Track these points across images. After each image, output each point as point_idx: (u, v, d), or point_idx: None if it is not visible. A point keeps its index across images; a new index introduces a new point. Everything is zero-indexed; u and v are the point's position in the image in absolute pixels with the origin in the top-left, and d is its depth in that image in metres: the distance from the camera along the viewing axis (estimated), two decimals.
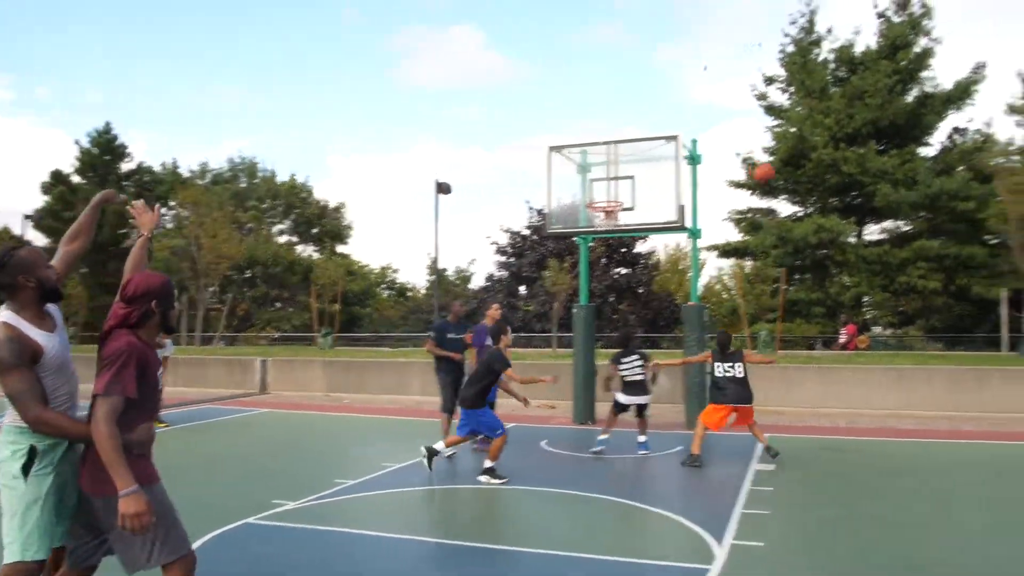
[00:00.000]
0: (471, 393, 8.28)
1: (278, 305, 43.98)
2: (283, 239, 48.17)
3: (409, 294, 52.18)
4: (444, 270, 49.65)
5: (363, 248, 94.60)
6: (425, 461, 8.18)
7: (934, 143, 31.44)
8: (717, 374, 9.02)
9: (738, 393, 8.88)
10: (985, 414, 12.95)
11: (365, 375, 17.37)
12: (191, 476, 8.37)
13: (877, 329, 34.44)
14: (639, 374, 9.50)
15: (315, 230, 48.78)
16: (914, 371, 14.20)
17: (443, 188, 23.92)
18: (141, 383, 3.22)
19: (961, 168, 28.05)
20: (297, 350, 25.19)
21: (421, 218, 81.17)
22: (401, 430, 12.04)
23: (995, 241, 26.17)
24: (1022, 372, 13.74)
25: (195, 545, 5.51)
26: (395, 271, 53.68)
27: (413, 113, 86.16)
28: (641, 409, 9.64)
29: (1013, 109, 31.03)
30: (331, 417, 13.71)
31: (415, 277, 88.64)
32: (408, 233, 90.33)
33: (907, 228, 31.12)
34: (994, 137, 29.76)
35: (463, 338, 10.15)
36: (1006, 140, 29.92)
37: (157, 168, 44.35)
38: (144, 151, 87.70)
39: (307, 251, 48.16)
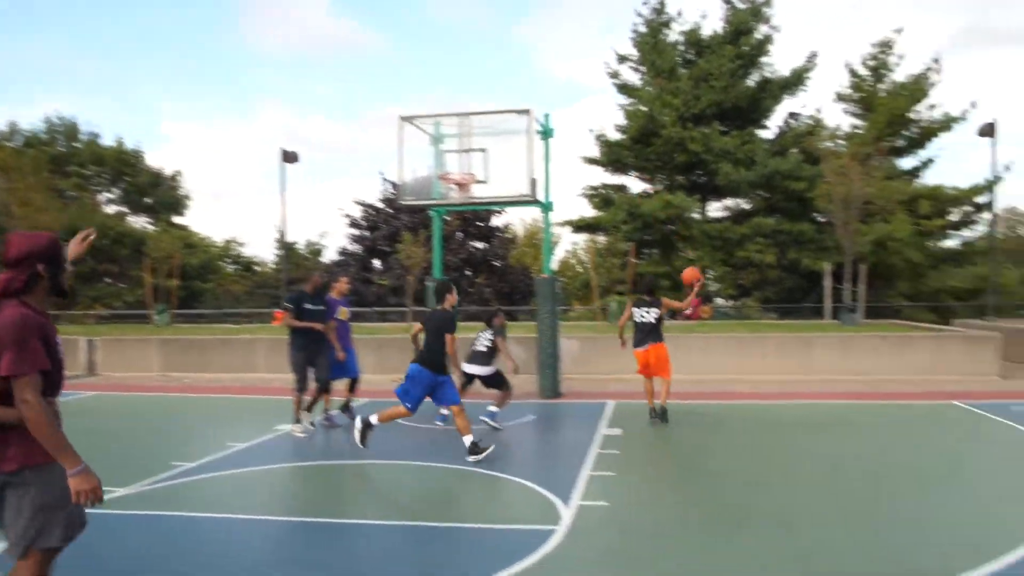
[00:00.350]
0: (438, 359, 7.59)
1: (108, 280, 40.97)
2: (112, 209, 44.85)
3: (256, 268, 50.17)
4: (294, 243, 48.10)
5: (204, 220, 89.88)
6: (358, 436, 7.61)
7: (771, 126, 33.44)
8: (635, 319, 9.55)
9: (643, 339, 9.51)
10: (810, 376, 14.02)
11: (207, 353, 16.55)
12: None
13: (720, 300, 36.49)
14: (484, 347, 9.52)
15: (148, 200, 45.70)
16: (750, 339, 15.09)
17: (290, 157, 23.06)
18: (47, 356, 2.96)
19: (794, 150, 29.97)
20: (129, 328, 23.70)
21: (268, 190, 78.14)
22: (248, 409, 11.59)
23: (822, 219, 28.16)
24: (841, 338, 14.99)
25: None
26: (240, 244, 51.42)
27: (256, 79, 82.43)
28: (489, 381, 9.57)
29: (840, 97, 33.52)
30: (169, 398, 12.95)
31: (263, 251, 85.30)
32: (255, 205, 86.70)
33: (746, 206, 32.98)
34: (823, 123, 32.08)
35: (323, 309, 9.43)
36: (834, 126, 32.40)
37: None
38: None
39: (139, 222, 45.08)
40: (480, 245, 34.91)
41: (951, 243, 32.75)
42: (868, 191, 22.15)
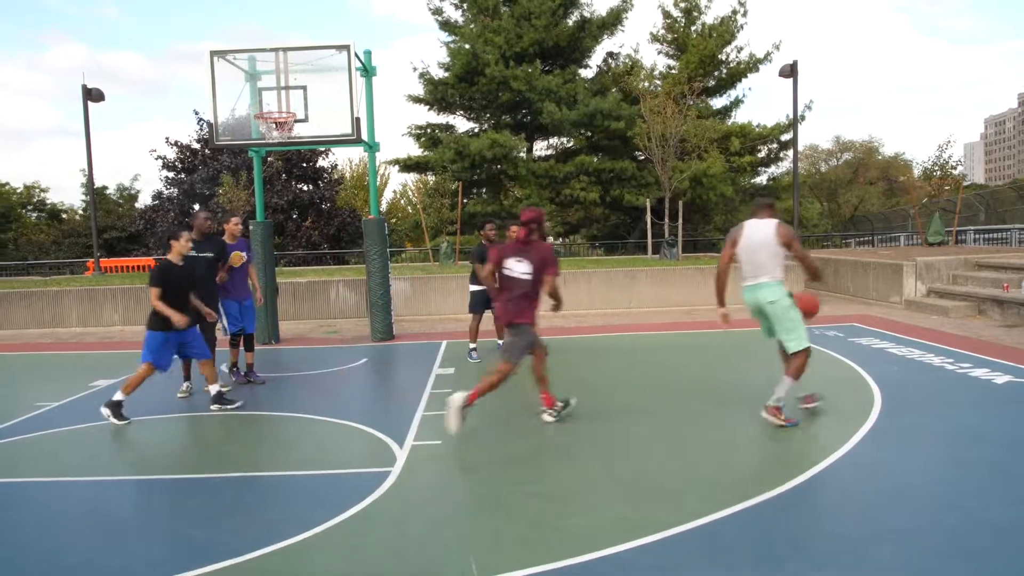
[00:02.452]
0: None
1: None
2: None
3: (64, 216, 46.19)
4: (104, 188, 44.58)
5: (1, 164, 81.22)
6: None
7: (592, 65, 34.16)
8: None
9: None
10: (633, 309, 14.82)
11: (9, 308, 15.22)
12: None
13: (549, 239, 37.49)
14: None
15: None
16: (576, 275, 15.68)
17: (94, 95, 21.20)
18: None
19: (614, 90, 30.83)
20: None
21: (73, 130, 71.56)
22: (58, 366, 10.81)
23: (641, 157, 29.36)
24: (662, 271, 15.86)
25: None
26: (44, 190, 47.10)
27: (46, 5, 74.44)
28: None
29: (655, 38, 34.78)
30: None
31: (70, 197, 78.53)
32: (58, 148, 79.26)
33: (570, 144, 33.77)
34: (640, 63, 33.18)
35: (211, 257, 8.26)
36: (650, 66, 33.65)
37: None
38: None
39: None
40: (306, 187, 33.81)
41: (760, 179, 35.17)
42: (683, 129, 23.33)
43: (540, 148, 34.92)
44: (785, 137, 32.05)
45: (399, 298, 14.69)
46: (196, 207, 33.32)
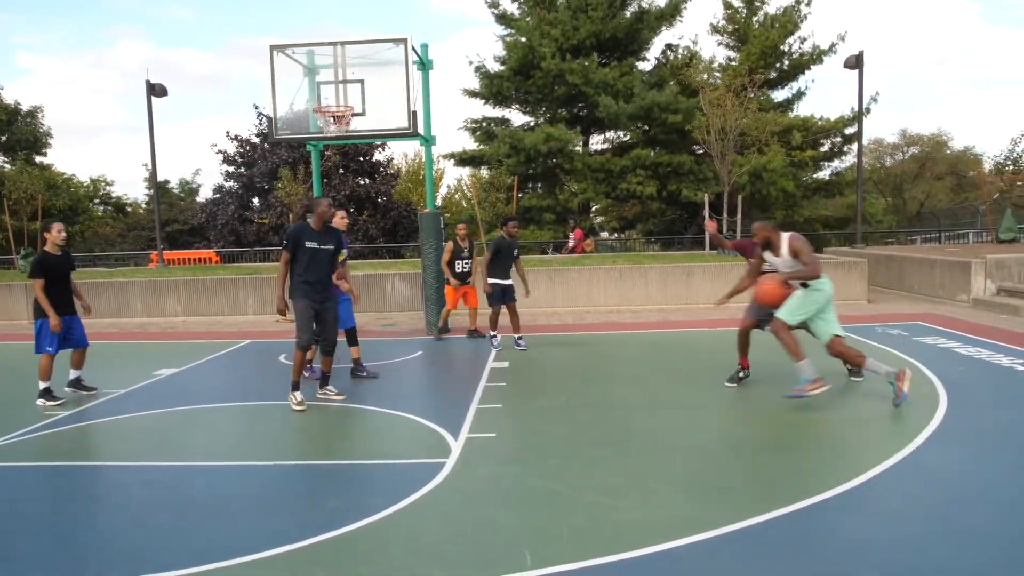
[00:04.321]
0: None
1: None
2: None
3: (128, 209, 47.61)
4: (166, 182, 45.78)
5: (68, 159, 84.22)
6: None
7: (649, 58, 33.78)
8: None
9: (463, 278, 11.39)
10: (690, 305, 14.63)
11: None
12: None
13: (604, 234, 37.22)
14: None
15: (4, 137, 42.36)
16: (632, 270, 15.55)
17: (157, 90, 21.75)
18: None
19: (672, 82, 30.43)
20: None
21: (136, 126, 73.59)
22: (124, 355, 11.15)
23: (700, 151, 28.95)
24: (719, 267, 15.53)
25: None
26: (109, 184, 48.55)
27: (112, 3, 76.78)
28: None
29: (715, 29, 34.23)
30: None
31: (133, 190, 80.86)
32: (122, 142, 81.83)
33: (626, 138, 33.47)
34: (699, 55, 32.66)
35: (332, 249, 7.44)
36: (709, 58, 33.10)
37: None
38: None
39: None
40: (363, 181, 34.20)
41: (822, 174, 34.34)
42: (743, 123, 22.90)
43: (596, 142, 34.70)
44: (849, 131, 31.19)
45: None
46: (255, 201, 33.98)
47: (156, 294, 15.73)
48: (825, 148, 32.63)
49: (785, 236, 6.96)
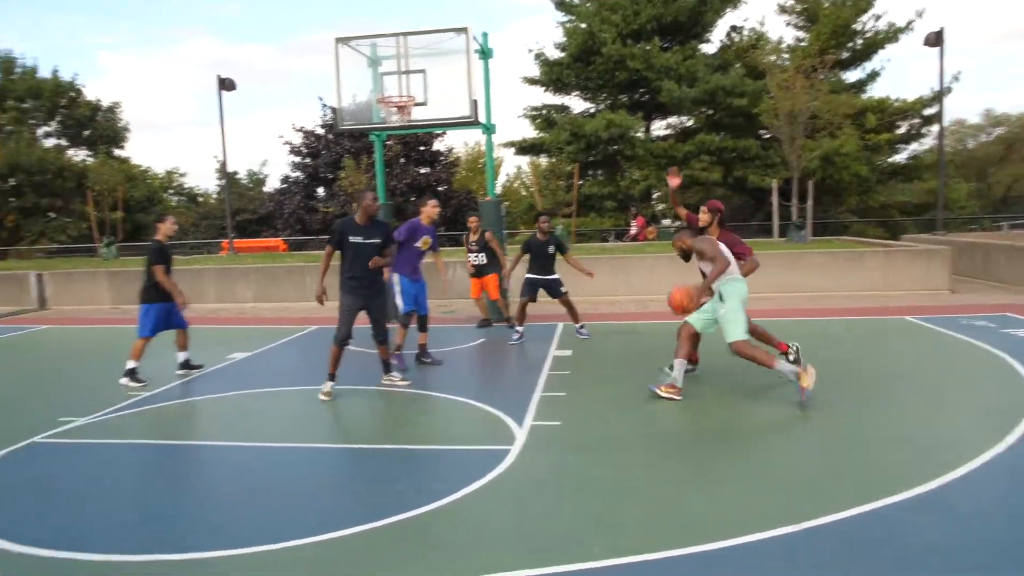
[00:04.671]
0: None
1: (51, 215, 39.80)
2: (50, 143, 43.18)
3: (200, 199, 49.01)
4: (235, 173, 46.93)
5: (144, 151, 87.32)
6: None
7: (714, 40, 33.15)
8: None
9: (479, 270, 11.41)
10: (757, 294, 14.21)
11: None
12: None
13: (666, 221, 36.69)
14: None
15: (87, 132, 44.03)
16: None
17: (226, 84, 22.27)
18: None
19: (737, 65, 29.79)
20: (78, 262, 23.07)
21: (208, 118, 75.66)
22: (198, 339, 11.42)
23: (767, 135, 28.27)
24: (789, 255, 15.07)
25: None
26: (182, 175, 50.08)
27: (179, 4, 79.04)
28: None
29: (783, 9, 33.36)
30: (121, 330, 12.73)
31: (204, 181, 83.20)
32: (195, 135, 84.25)
33: (689, 123, 32.94)
34: (766, 36, 31.87)
35: (377, 243, 7.23)
36: (777, 39, 32.27)
37: None
38: None
39: (79, 155, 43.57)
40: (423, 170, 34.45)
41: (899, 157, 33.21)
42: (814, 105, 22.19)
43: (658, 127, 34.28)
44: (928, 112, 30.07)
45: (515, 280, 14.74)
46: (320, 190, 34.54)
47: (228, 281, 16.14)
48: (902, 130, 31.54)
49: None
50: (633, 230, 25.43)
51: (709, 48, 32.63)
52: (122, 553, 3.92)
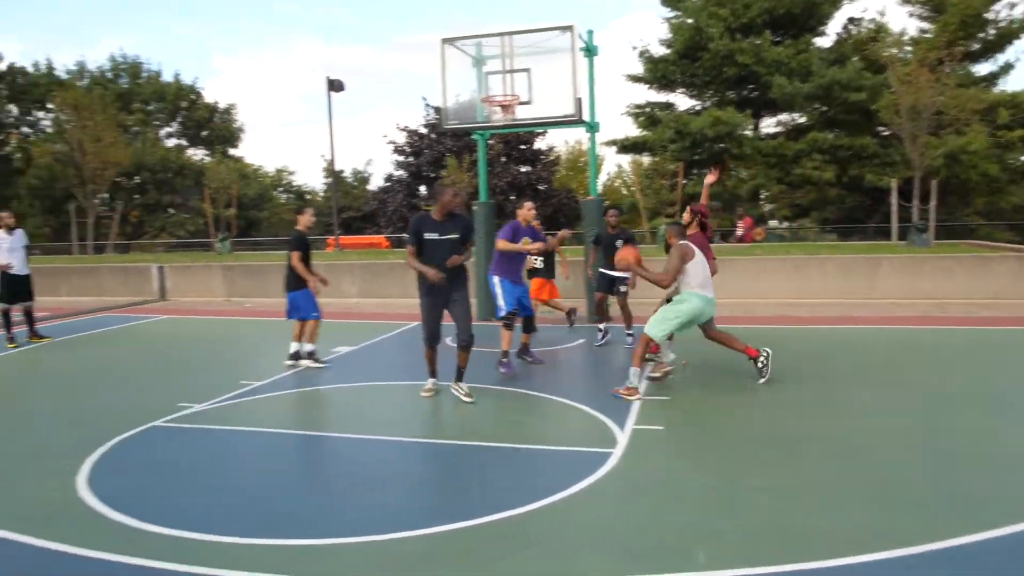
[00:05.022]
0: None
1: (171, 211, 42.26)
2: (171, 143, 45.80)
3: (308, 197, 50.79)
4: (341, 171, 48.34)
5: (256, 151, 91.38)
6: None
7: (829, 33, 31.89)
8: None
9: (544, 272, 11.57)
10: (874, 300, 13.58)
11: (267, 279, 16.91)
12: (91, 384, 8.27)
13: (773, 222, 35.56)
14: None
15: (205, 133, 46.44)
16: (808, 261, 14.73)
17: (335, 85, 22.94)
18: None
19: (855, 59, 28.54)
20: (195, 256, 24.33)
21: (315, 118, 78.54)
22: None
23: (886, 132, 26.97)
24: (910, 260, 14.30)
25: (101, 449, 5.61)
26: (291, 174, 52.08)
27: (289, 9, 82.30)
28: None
29: None
30: (235, 321, 13.40)
31: (312, 179, 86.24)
32: (302, 134, 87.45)
33: (802, 120, 31.83)
34: (887, 27, 30.38)
35: (454, 239, 6.91)
36: (899, 31, 30.72)
37: (30, 70, 40.95)
38: (18, 53, 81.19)
39: (197, 155, 46.03)
40: (524, 169, 34.57)
41: None
42: (939, 100, 20.99)
43: (768, 125, 33.29)
44: None
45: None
46: (422, 188, 35.14)
47: (333, 276, 16.52)
48: None
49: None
50: (740, 231, 24.75)
51: (824, 41, 31.45)
52: (242, 536, 4.07)
